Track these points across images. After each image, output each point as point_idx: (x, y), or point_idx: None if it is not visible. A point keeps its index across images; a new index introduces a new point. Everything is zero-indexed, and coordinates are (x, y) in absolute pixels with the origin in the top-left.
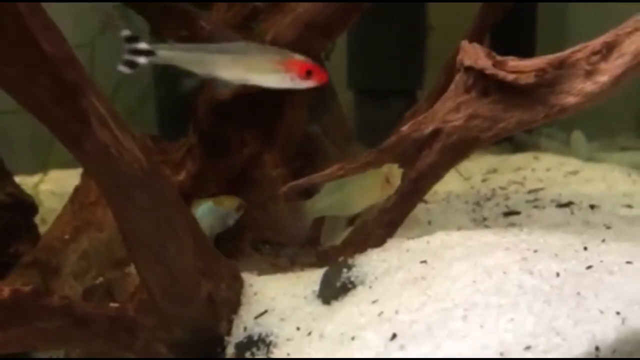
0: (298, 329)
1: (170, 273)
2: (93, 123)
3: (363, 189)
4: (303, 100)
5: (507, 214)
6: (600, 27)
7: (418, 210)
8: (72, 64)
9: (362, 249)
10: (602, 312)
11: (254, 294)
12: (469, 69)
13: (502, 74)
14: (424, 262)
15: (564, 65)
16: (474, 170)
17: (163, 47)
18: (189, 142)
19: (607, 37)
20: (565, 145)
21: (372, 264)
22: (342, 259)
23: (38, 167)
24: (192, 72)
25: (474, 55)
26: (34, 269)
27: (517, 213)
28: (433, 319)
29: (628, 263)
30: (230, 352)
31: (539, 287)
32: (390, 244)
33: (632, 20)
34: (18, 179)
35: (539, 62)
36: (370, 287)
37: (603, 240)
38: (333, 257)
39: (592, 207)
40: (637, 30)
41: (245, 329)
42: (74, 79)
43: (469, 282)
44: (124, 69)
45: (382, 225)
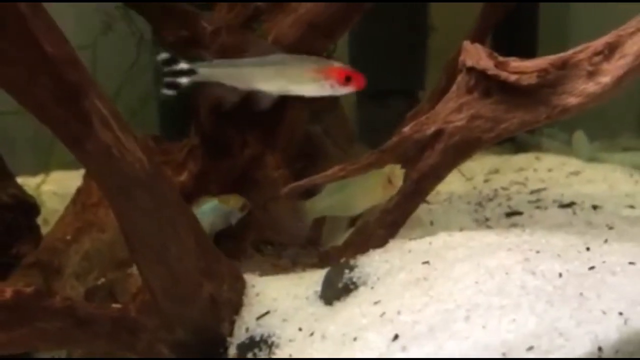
0: (300, 330)
1: (172, 274)
2: (95, 124)
3: (364, 190)
4: (304, 101)
5: (509, 215)
6: (602, 27)
7: (420, 211)
8: (73, 65)
9: (364, 250)
10: (604, 312)
11: (256, 295)
12: (471, 70)
13: (504, 75)
14: (426, 262)
15: (566, 66)
16: (476, 171)
17: (203, 64)
18: (191, 142)
19: (609, 37)
20: (567, 146)
21: (374, 265)
22: (344, 260)
23: (40, 168)
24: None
25: (476, 56)
26: (36, 270)
27: (519, 213)
28: (435, 320)
29: (631, 264)
30: (232, 352)
31: (542, 287)
32: (393, 245)
33: (634, 21)
34: (20, 180)
35: (541, 62)
36: (372, 287)
37: (605, 241)
38: (335, 257)
39: (594, 207)
40: (639, 31)
41: (247, 330)
42: (76, 80)
43: (471, 282)
44: (168, 92)
45: (384, 226)
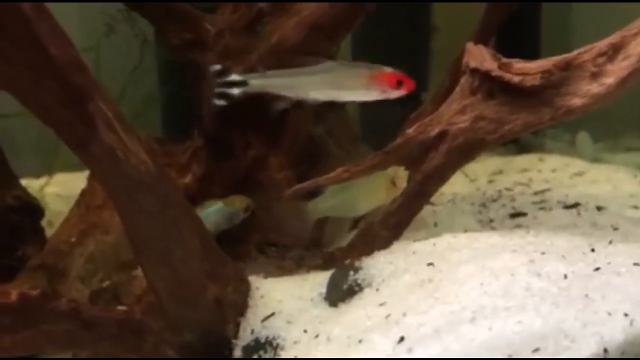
0: (305, 332)
1: (177, 276)
2: (99, 126)
3: (367, 191)
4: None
5: (513, 216)
6: (605, 28)
7: (424, 212)
8: (78, 67)
9: (368, 252)
10: (610, 313)
11: (261, 297)
12: (475, 71)
13: (508, 76)
14: (431, 264)
15: (570, 67)
16: (479, 172)
17: (254, 76)
18: (195, 144)
19: (613, 38)
20: (571, 147)
21: (378, 267)
22: (348, 262)
23: (43, 170)
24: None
25: (480, 57)
26: (41, 272)
27: (523, 214)
28: (441, 322)
29: (636, 265)
30: (238, 354)
31: (547, 289)
32: (397, 246)
33: (638, 22)
34: (24, 182)
35: (545, 63)
36: (377, 289)
37: (610, 242)
38: (339, 259)
39: (598, 208)
40: None
41: (253, 332)
42: (81, 82)
43: (476, 284)
44: (219, 102)
45: (388, 228)
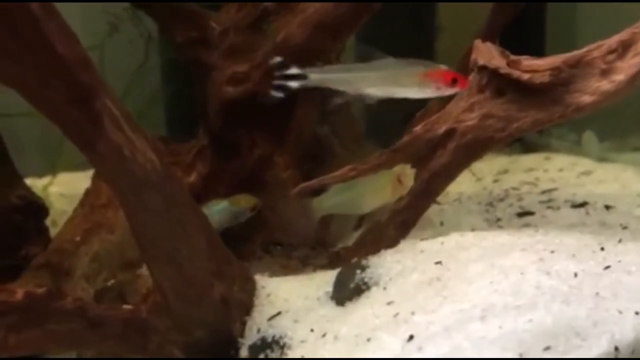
0: (312, 331)
1: (183, 274)
2: (106, 125)
3: (373, 189)
4: (313, 101)
5: (521, 215)
6: (610, 27)
7: (430, 211)
8: (85, 66)
9: (375, 250)
10: (620, 312)
11: (267, 296)
12: (483, 69)
13: (516, 73)
14: (439, 263)
15: (580, 64)
16: (485, 171)
17: (313, 70)
18: (200, 143)
19: (622, 35)
20: (577, 146)
21: (386, 265)
22: (355, 260)
23: (47, 169)
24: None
25: (488, 55)
26: (46, 272)
27: (531, 213)
28: (450, 320)
29: None
30: (244, 354)
31: (557, 287)
32: (404, 245)
33: None
34: (28, 182)
35: (554, 60)
36: (385, 288)
37: (620, 241)
38: (345, 258)
39: (607, 207)
40: None
41: (259, 331)
42: (88, 81)
43: (486, 283)
44: (277, 94)
45: (395, 226)
